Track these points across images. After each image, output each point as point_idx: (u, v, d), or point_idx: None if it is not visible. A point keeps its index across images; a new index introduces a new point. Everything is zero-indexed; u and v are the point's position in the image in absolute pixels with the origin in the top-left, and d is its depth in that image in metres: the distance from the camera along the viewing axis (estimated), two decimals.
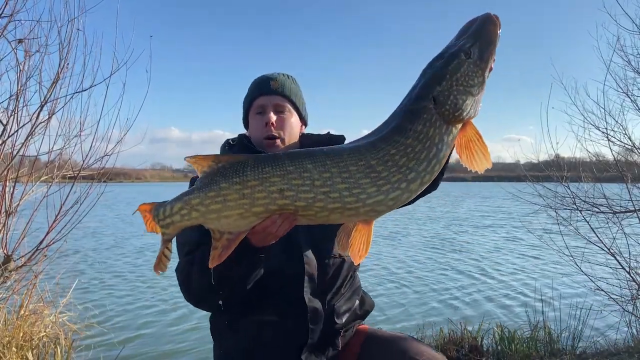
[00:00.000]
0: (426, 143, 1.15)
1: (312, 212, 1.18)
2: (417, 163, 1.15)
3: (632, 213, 4.63)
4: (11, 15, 3.22)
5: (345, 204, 1.15)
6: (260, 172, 1.17)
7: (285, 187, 1.16)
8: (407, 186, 1.16)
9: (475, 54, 1.17)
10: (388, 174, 1.15)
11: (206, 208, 1.20)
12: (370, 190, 1.15)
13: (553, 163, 5.14)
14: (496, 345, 3.84)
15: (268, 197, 1.16)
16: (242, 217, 1.19)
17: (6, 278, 3.68)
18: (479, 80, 1.18)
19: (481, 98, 1.20)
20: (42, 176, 3.85)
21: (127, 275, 8.28)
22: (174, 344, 4.85)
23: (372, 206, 1.16)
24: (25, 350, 3.67)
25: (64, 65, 3.56)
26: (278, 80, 1.71)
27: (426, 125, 1.15)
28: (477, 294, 6.83)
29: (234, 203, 1.18)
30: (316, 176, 1.14)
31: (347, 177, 1.14)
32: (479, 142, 1.19)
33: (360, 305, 1.77)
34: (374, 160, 1.15)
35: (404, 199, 1.19)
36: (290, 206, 1.17)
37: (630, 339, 4.23)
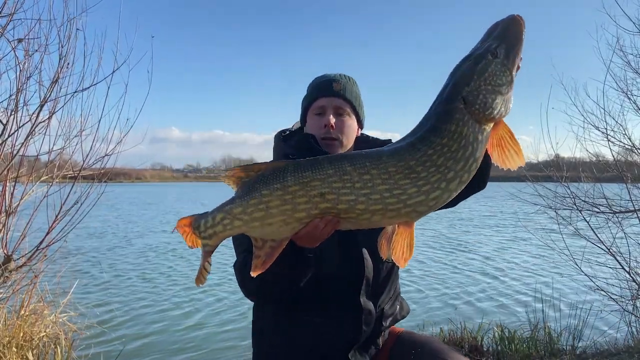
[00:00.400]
0: (461, 142, 1.16)
1: (354, 215, 1.18)
2: (454, 162, 1.16)
3: (632, 213, 4.63)
4: (11, 15, 3.22)
5: (386, 205, 1.16)
6: (300, 177, 1.17)
7: (326, 190, 1.16)
8: (447, 186, 1.17)
9: (501, 54, 1.19)
10: (427, 174, 1.16)
11: (249, 216, 1.20)
12: (410, 191, 1.15)
13: (553, 163, 5.14)
14: (496, 345, 3.84)
15: (310, 201, 1.17)
16: (285, 223, 1.20)
17: (6, 278, 3.68)
18: (507, 80, 1.19)
19: (511, 96, 1.22)
20: (42, 176, 3.85)
21: (128, 275, 8.27)
22: (175, 344, 4.85)
23: (413, 207, 1.17)
24: (25, 350, 3.67)
25: (64, 64, 3.56)
26: (340, 83, 1.71)
27: (459, 125, 1.16)
28: (477, 294, 6.83)
29: (276, 210, 1.18)
30: (356, 178, 1.15)
31: (387, 178, 1.15)
32: (512, 140, 1.19)
33: (400, 310, 1.84)
34: (412, 161, 1.16)
35: (445, 198, 1.19)
36: (333, 209, 1.17)
37: (630, 339, 4.23)
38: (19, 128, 3.46)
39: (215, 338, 5.03)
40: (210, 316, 5.77)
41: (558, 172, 4.97)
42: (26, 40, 3.37)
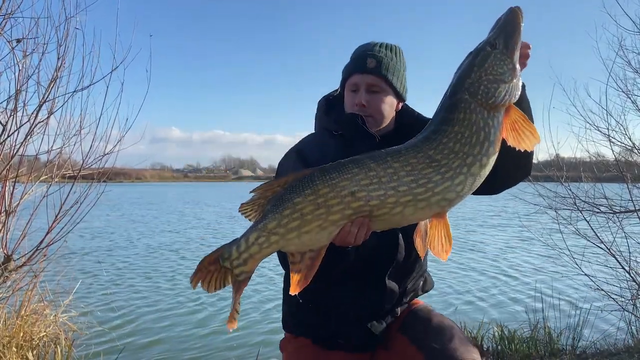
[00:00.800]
0: (472, 128, 1.22)
1: (386, 210, 1.21)
2: (470, 147, 1.22)
3: (632, 213, 4.63)
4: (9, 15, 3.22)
5: (415, 195, 1.20)
6: (329, 179, 1.19)
7: (355, 189, 1.19)
8: (469, 170, 1.22)
9: (500, 44, 1.26)
10: (448, 161, 1.21)
11: (285, 228, 1.20)
12: (435, 178, 1.20)
13: (553, 163, 5.14)
14: (496, 345, 3.84)
15: (342, 202, 1.19)
16: (321, 228, 1.21)
17: (6, 278, 3.68)
18: (509, 67, 1.26)
19: (517, 82, 1.27)
20: (42, 176, 3.85)
21: (129, 275, 8.28)
22: (175, 344, 4.85)
23: (442, 194, 1.21)
24: (26, 350, 3.67)
25: (62, 64, 3.56)
26: (376, 57, 1.67)
27: (467, 113, 1.23)
28: (477, 294, 6.83)
29: (311, 215, 1.20)
30: (381, 173, 1.19)
31: (410, 169, 1.20)
32: (525, 122, 1.24)
33: (424, 286, 1.86)
34: (431, 151, 1.22)
35: (470, 183, 1.23)
36: (365, 207, 1.20)
37: (630, 339, 4.23)
38: (18, 128, 3.46)
39: (218, 338, 5.03)
40: (212, 316, 5.77)
41: (558, 172, 4.97)
42: (24, 40, 3.37)
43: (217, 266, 1.27)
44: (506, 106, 1.25)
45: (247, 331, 5.20)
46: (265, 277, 7.63)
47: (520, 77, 1.30)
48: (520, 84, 1.29)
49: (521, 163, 1.52)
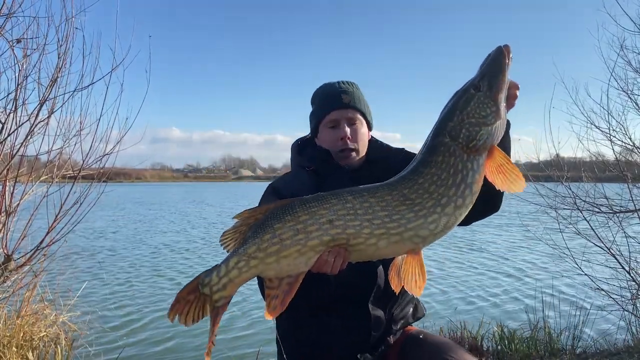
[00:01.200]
0: (450, 171, 1.25)
1: (361, 240, 1.25)
2: (445, 189, 1.25)
3: (632, 213, 4.62)
4: (9, 15, 3.22)
5: (388, 229, 1.24)
6: (308, 207, 1.25)
7: (333, 217, 1.25)
8: (442, 210, 1.25)
9: (484, 86, 1.27)
10: (422, 200, 1.25)
11: (264, 252, 1.24)
12: (408, 215, 1.25)
13: (554, 163, 5.14)
14: (496, 345, 3.84)
15: (320, 228, 1.24)
16: (300, 253, 1.25)
17: (6, 278, 3.68)
18: (492, 110, 1.26)
19: (501, 124, 1.28)
20: (42, 176, 3.85)
21: (129, 275, 8.28)
22: (175, 344, 4.85)
23: (414, 230, 1.25)
24: (26, 350, 3.68)
25: (62, 64, 3.56)
26: (349, 93, 1.76)
27: (446, 156, 1.26)
28: (477, 294, 6.83)
29: (290, 240, 1.24)
30: (357, 206, 1.25)
31: (384, 205, 1.25)
32: (508, 165, 1.27)
33: (414, 313, 1.87)
34: (405, 190, 1.26)
35: (444, 222, 1.26)
36: (342, 235, 1.25)
37: (630, 339, 4.22)
38: (18, 127, 3.46)
39: (218, 338, 5.00)
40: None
41: (559, 171, 4.97)
42: (24, 40, 3.37)
43: (197, 294, 1.27)
44: (487, 148, 1.26)
45: (247, 331, 5.20)
46: None
47: (506, 117, 1.31)
48: (504, 125, 1.30)
49: (492, 201, 1.55)
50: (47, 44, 3.51)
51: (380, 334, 1.72)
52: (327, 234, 1.24)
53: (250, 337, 5.04)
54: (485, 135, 1.25)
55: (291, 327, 1.76)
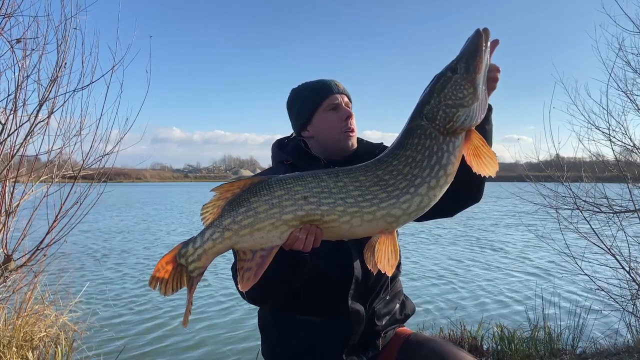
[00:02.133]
0: (425, 153, 1.28)
1: (335, 217, 1.28)
2: (420, 170, 1.28)
3: (633, 213, 4.62)
4: (9, 15, 3.22)
5: (361, 207, 1.27)
6: (284, 184, 1.29)
7: (308, 194, 1.28)
8: (416, 190, 1.28)
9: (461, 68, 1.28)
10: (395, 181, 1.28)
11: (239, 225, 1.27)
12: (381, 195, 1.28)
13: (554, 163, 5.14)
14: (496, 345, 3.83)
15: (295, 203, 1.27)
16: (274, 226, 1.27)
17: (6, 278, 3.68)
18: (469, 92, 1.27)
19: (479, 106, 1.29)
20: (42, 176, 3.85)
21: (129, 275, 8.28)
22: (174, 345, 4.85)
23: (387, 209, 1.27)
24: (26, 350, 3.67)
25: (62, 64, 3.56)
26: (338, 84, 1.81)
27: (421, 139, 1.29)
28: (477, 294, 6.83)
29: (265, 214, 1.27)
30: (332, 185, 1.28)
31: (358, 185, 1.28)
32: (484, 148, 1.28)
33: (401, 309, 1.84)
34: (379, 171, 1.29)
35: (417, 202, 1.28)
36: (316, 211, 1.28)
37: (630, 339, 4.22)
38: (18, 128, 3.46)
39: (217, 338, 5.04)
40: (212, 316, 5.77)
41: (559, 171, 4.97)
42: (24, 40, 3.37)
43: (174, 264, 1.31)
44: (465, 130, 1.28)
45: (248, 332, 5.20)
46: None
47: (486, 99, 1.32)
48: (485, 107, 1.32)
49: (479, 189, 1.58)
50: (47, 44, 3.51)
51: (363, 329, 1.68)
52: (302, 209, 1.27)
53: (251, 337, 5.04)
54: (463, 117, 1.27)
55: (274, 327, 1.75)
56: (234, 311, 5.97)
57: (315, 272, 1.55)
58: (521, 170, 5.51)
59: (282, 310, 1.70)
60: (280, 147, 1.88)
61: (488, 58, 1.31)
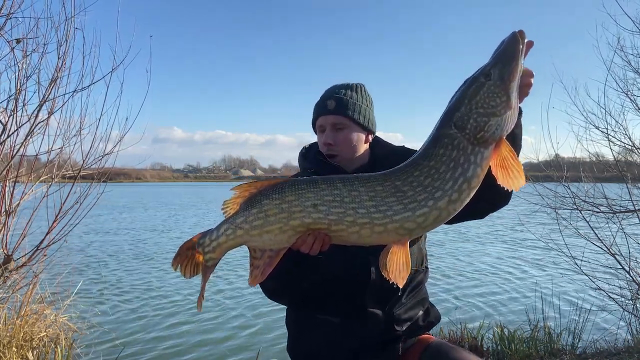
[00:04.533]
0: (450, 164, 1.21)
1: (343, 227, 1.27)
2: (442, 182, 1.21)
3: (632, 213, 4.63)
4: (10, 15, 3.22)
5: (372, 219, 1.24)
6: (297, 189, 1.29)
7: (318, 202, 1.27)
8: (435, 204, 1.22)
9: (495, 75, 1.21)
10: (414, 193, 1.22)
11: (250, 225, 1.32)
12: (396, 207, 1.23)
13: (553, 163, 5.13)
14: (496, 345, 3.84)
15: (304, 210, 1.28)
16: (281, 231, 1.31)
17: (6, 278, 3.69)
18: (502, 100, 1.21)
19: (512, 115, 1.23)
20: (42, 176, 3.85)
21: (129, 275, 8.28)
22: (175, 345, 4.85)
23: (400, 222, 1.23)
24: (25, 350, 3.68)
25: (62, 64, 3.56)
26: (334, 99, 1.77)
27: (448, 149, 1.22)
28: (477, 294, 6.83)
29: (274, 217, 1.30)
30: (345, 193, 1.26)
31: (373, 195, 1.24)
32: (513, 160, 1.22)
33: (425, 316, 1.83)
34: (398, 182, 1.24)
35: (434, 216, 1.23)
36: (324, 220, 1.27)
37: (630, 339, 4.22)
38: (18, 128, 3.46)
39: (218, 338, 5.04)
40: (212, 316, 5.77)
41: (558, 172, 4.97)
42: (25, 40, 3.37)
43: (193, 251, 1.40)
44: (496, 140, 1.22)
45: (247, 331, 5.20)
46: None
47: (517, 107, 1.26)
48: (516, 115, 1.26)
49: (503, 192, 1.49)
50: (47, 44, 3.51)
51: (381, 333, 1.69)
52: (309, 217, 1.28)
53: (251, 337, 5.04)
54: (494, 127, 1.20)
55: (294, 324, 1.80)
56: (236, 312, 5.97)
57: (330, 273, 1.58)
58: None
59: (302, 308, 1.76)
60: (304, 156, 1.91)
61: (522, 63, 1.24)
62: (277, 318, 5.60)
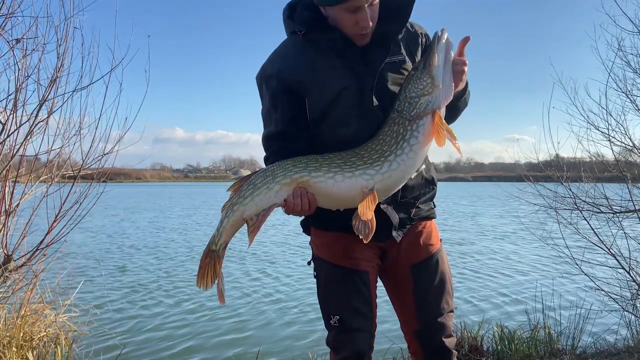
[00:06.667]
0: (393, 134, 1.62)
1: (320, 174, 1.60)
2: (388, 147, 1.61)
3: (632, 213, 4.62)
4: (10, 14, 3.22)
5: (342, 168, 1.62)
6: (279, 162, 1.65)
7: (296, 162, 1.63)
8: (386, 158, 1.61)
9: (420, 65, 1.59)
10: (369, 154, 1.63)
11: (242, 197, 1.64)
12: (358, 162, 1.62)
13: (553, 163, 5.13)
14: (496, 345, 3.84)
15: (285, 169, 1.62)
16: (268, 188, 1.61)
17: (6, 278, 3.69)
18: (427, 82, 1.56)
19: (441, 92, 1.57)
20: (42, 176, 3.85)
21: (129, 274, 8.28)
22: (175, 344, 4.85)
23: (362, 169, 1.61)
24: (25, 350, 3.68)
25: (62, 64, 3.56)
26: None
27: (391, 126, 1.62)
28: (477, 294, 6.83)
29: (260, 182, 1.63)
30: (318, 157, 1.64)
31: (340, 157, 1.64)
32: (442, 124, 1.57)
33: (427, 170, 1.92)
34: (358, 149, 1.64)
35: (387, 166, 1.59)
36: (304, 172, 1.61)
37: (630, 339, 4.22)
38: (18, 128, 3.46)
39: (218, 338, 5.04)
40: (212, 316, 5.78)
41: (559, 172, 4.96)
42: (24, 40, 3.37)
43: (210, 255, 1.66)
44: (429, 113, 1.57)
45: (248, 332, 5.21)
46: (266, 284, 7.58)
47: (451, 86, 1.58)
48: (450, 92, 1.58)
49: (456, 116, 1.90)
50: (47, 44, 3.51)
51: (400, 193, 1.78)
52: (291, 171, 1.60)
53: (251, 337, 5.05)
54: (425, 104, 1.57)
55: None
56: (236, 312, 5.97)
57: (344, 133, 1.73)
58: (521, 171, 5.51)
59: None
60: (290, 16, 1.74)
61: (448, 52, 1.56)
62: (278, 318, 5.61)
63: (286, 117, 1.73)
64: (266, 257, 10.06)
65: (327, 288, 1.86)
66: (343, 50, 1.68)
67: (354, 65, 1.69)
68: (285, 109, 1.73)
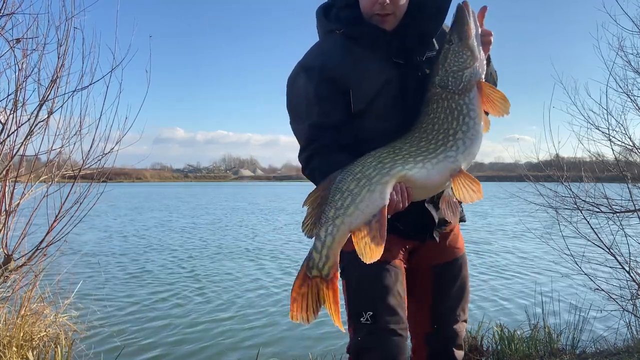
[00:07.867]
0: (446, 111, 1.55)
1: (411, 165, 1.50)
2: (448, 124, 1.55)
3: (632, 213, 4.62)
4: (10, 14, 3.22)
5: (425, 155, 1.53)
6: (357, 164, 1.50)
7: (381, 157, 1.51)
8: (454, 137, 1.54)
9: (455, 39, 1.54)
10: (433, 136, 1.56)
11: (343, 209, 1.43)
12: (431, 147, 1.54)
13: (553, 163, 5.13)
14: (496, 345, 3.84)
15: (375, 168, 1.47)
16: (369, 191, 1.44)
17: (6, 278, 3.69)
18: (467, 55, 1.54)
19: (480, 64, 1.56)
20: (42, 176, 3.85)
21: (129, 275, 8.28)
22: (175, 344, 4.85)
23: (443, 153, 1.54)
24: (26, 350, 3.68)
25: (62, 64, 3.56)
26: None
27: (438, 103, 1.56)
28: (477, 294, 6.82)
29: (357, 188, 1.44)
30: (388, 149, 1.54)
31: (409, 143, 1.56)
32: (494, 91, 1.54)
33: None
34: (417, 133, 1.57)
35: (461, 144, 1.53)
36: (395, 164, 1.50)
37: (630, 339, 4.22)
38: (18, 127, 3.46)
39: (218, 338, 5.04)
40: (212, 316, 5.78)
41: (559, 171, 4.96)
42: (24, 40, 3.37)
43: (308, 283, 1.42)
44: (474, 84, 1.54)
45: (248, 333, 5.20)
46: (267, 281, 7.58)
47: (484, 57, 1.58)
48: (484, 63, 1.58)
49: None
50: (47, 44, 3.51)
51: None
52: (385, 168, 1.47)
53: (251, 337, 5.04)
54: (468, 76, 1.54)
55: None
56: (236, 312, 5.97)
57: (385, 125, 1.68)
58: (521, 170, 5.51)
59: None
60: (325, 15, 1.77)
61: (477, 24, 1.55)
62: (278, 318, 5.60)
63: (335, 108, 1.67)
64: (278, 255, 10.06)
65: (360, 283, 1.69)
66: (383, 45, 1.67)
67: (395, 59, 1.68)
68: (330, 101, 1.67)
